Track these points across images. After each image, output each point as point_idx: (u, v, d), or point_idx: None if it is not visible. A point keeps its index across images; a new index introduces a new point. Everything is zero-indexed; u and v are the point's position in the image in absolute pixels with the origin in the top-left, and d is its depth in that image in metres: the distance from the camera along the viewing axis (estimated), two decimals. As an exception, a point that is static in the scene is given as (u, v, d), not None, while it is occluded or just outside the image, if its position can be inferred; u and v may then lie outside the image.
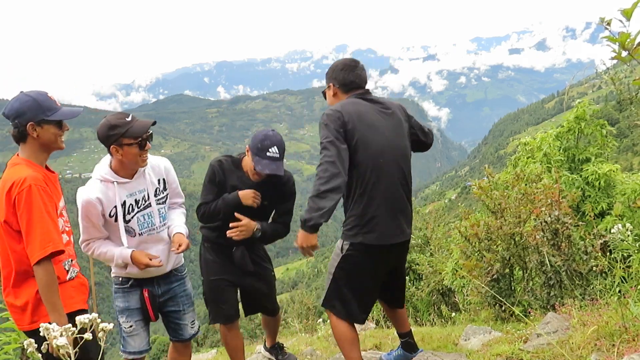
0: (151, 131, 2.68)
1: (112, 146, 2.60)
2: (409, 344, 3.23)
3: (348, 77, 2.91)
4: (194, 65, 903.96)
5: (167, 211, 2.92)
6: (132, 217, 2.73)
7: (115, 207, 2.67)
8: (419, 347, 3.31)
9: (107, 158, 2.75)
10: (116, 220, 2.68)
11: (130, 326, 2.80)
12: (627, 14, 1.53)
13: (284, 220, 3.35)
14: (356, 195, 2.72)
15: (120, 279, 2.83)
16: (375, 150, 2.72)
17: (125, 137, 2.57)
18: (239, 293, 3.39)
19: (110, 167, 2.72)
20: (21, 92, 2.32)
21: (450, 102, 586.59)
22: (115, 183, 2.67)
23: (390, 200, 2.75)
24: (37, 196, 2.16)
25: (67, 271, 2.39)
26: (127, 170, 2.71)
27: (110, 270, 2.85)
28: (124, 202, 2.70)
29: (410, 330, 3.29)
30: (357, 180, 2.71)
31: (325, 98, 3.06)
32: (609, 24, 1.56)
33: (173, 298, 2.92)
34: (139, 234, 2.76)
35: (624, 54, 1.58)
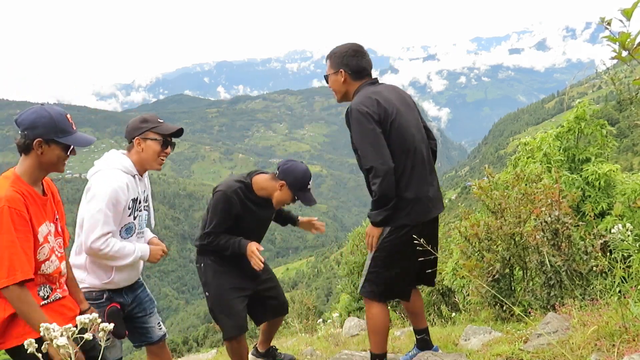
0: (176, 140, 2.83)
1: (136, 138, 2.71)
2: (424, 341, 3.23)
3: (361, 63, 2.92)
4: (194, 65, 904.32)
5: None
6: (137, 215, 2.78)
7: (133, 199, 2.70)
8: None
9: (118, 153, 2.77)
10: (130, 214, 2.70)
11: (108, 339, 2.74)
12: (627, 14, 1.53)
13: None
14: (397, 175, 2.79)
15: (94, 293, 2.72)
16: (409, 134, 2.83)
17: (152, 132, 2.70)
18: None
19: (133, 162, 2.77)
20: (42, 105, 2.26)
21: (450, 102, 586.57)
22: (136, 177, 2.74)
23: (422, 179, 2.86)
24: (7, 219, 2.06)
25: (43, 297, 2.27)
26: (141, 168, 2.78)
27: None
28: (136, 197, 2.74)
29: (427, 327, 3.29)
30: (396, 164, 2.74)
31: (328, 82, 2.99)
32: (609, 23, 1.56)
33: (140, 304, 2.94)
34: (134, 233, 2.80)
35: (624, 53, 1.58)
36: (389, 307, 3.13)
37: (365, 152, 2.70)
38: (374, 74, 3.03)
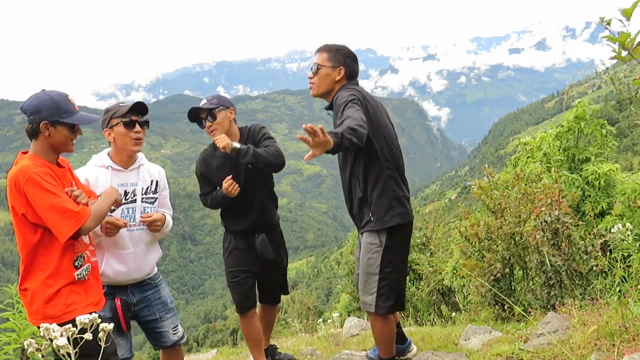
0: (144, 118, 2.76)
1: (105, 130, 2.73)
2: (398, 335, 3.24)
3: (356, 69, 3.04)
4: (194, 65, 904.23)
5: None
6: (117, 207, 2.69)
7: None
8: (420, 347, 3.32)
9: (108, 149, 2.83)
10: None
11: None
12: (627, 14, 1.53)
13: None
14: (385, 176, 2.83)
15: None
16: (392, 133, 2.94)
17: (113, 118, 2.71)
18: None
19: (108, 155, 2.80)
20: (43, 90, 2.36)
21: (450, 102, 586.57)
22: (109, 168, 2.73)
23: (404, 179, 2.97)
24: (42, 182, 2.20)
25: (77, 268, 2.36)
26: (122, 156, 2.76)
27: None
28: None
29: (399, 321, 3.36)
30: (385, 162, 2.83)
31: (316, 72, 2.95)
32: (609, 23, 1.56)
33: (148, 307, 2.87)
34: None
35: (624, 53, 1.58)
36: None
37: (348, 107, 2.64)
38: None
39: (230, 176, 3.21)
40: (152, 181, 2.89)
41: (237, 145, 3.06)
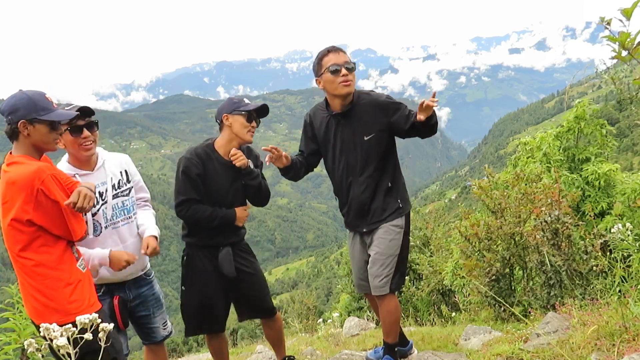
0: (92, 119, 2.66)
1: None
2: (400, 336, 3.25)
3: None
4: (193, 65, 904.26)
5: (135, 207, 2.89)
6: (98, 210, 2.69)
7: None
8: (420, 347, 3.32)
9: (66, 156, 2.75)
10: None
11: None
12: (627, 14, 1.53)
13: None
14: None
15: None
16: None
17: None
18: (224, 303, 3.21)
19: (68, 162, 2.71)
20: (19, 89, 2.33)
21: (450, 101, 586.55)
22: (76, 175, 2.63)
23: None
24: (54, 186, 2.20)
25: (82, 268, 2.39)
26: (80, 162, 2.69)
27: None
28: None
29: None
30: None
31: (353, 71, 2.97)
32: (609, 23, 1.56)
33: (143, 303, 2.89)
34: (104, 227, 2.71)
35: (624, 53, 1.58)
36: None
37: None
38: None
39: (248, 206, 3.16)
40: (121, 172, 2.84)
41: (251, 165, 3.08)
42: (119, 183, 2.81)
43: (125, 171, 2.87)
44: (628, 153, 51.26)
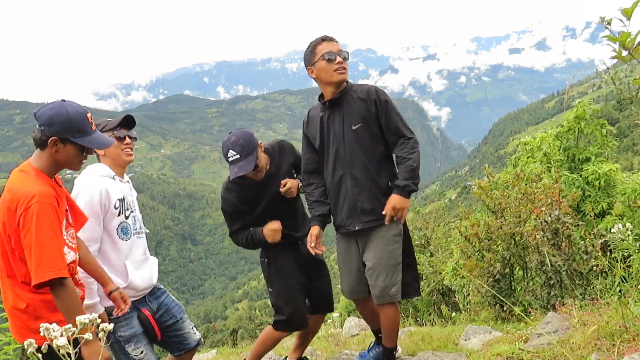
0: (133, 132, 2.78)
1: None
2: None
3: None
4: (193, 65, 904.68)
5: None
6: (129, 215, 2.71)
7: (119, 199, 2.63)
8: (420, 347, 3.32)
9: (95, 163, 2.75)
10: (120, 214, 2.62)
11: (142, 352, 2.64)
12: (627, 14, 1.53)
13: None
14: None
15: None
16: None
17: (104, 132, 2.65)
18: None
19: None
20: (62, 100, 2.19)
21: (450, 101, 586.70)
22: (115, 177, 2.69)
23: None
24: (47, 214, 2.03)
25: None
26: (117, 169, 2.73)
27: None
28: (123, 197, 2.67)
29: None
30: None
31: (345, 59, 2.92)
32: (609, 23, 1.56)
33: (167, 311, 2.84)
34: (132, 234, 2.72)
35: (624, 53, 1.58)
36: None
37: (406, 123, 2.89)
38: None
39: (279, 223, 3.05)
40: (131, 191, 2.90)
41: (299, 182, 3.13)
42: (135, 198, 2.87)
43: (133, 189, 2.93)
44: (628, 153, 51.26)
